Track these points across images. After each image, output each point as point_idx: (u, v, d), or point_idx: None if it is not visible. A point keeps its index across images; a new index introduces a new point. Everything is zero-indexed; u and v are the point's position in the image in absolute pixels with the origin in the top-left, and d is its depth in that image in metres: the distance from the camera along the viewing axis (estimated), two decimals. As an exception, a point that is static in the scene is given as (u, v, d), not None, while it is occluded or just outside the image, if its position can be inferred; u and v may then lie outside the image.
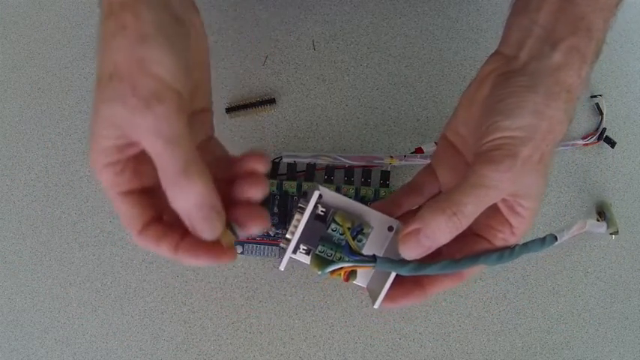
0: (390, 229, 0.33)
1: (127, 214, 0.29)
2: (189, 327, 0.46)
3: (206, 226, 0.27)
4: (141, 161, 0.27)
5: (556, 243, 0.34)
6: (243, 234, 0.29)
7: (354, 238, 0.32)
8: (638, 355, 0.47)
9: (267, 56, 0.50)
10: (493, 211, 0.30)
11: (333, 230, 0.32)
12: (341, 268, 0.31)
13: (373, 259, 0.31)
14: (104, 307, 0.46)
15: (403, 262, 0.30)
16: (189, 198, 0.26)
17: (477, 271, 0.33)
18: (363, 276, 0.34)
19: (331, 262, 0.32)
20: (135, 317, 0.46)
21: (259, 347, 0.45)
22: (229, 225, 0.28)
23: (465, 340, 0.46)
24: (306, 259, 0.33)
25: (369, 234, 0.33)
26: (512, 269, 0.47)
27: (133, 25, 0.26)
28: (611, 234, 0.47)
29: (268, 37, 0.51)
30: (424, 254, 0.30)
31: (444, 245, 0.30)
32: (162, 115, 0.25)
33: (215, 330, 0.46)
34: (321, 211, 0.32)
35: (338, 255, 0.32)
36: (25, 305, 0.46)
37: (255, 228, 0.29)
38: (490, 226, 0.31)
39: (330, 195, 0.32)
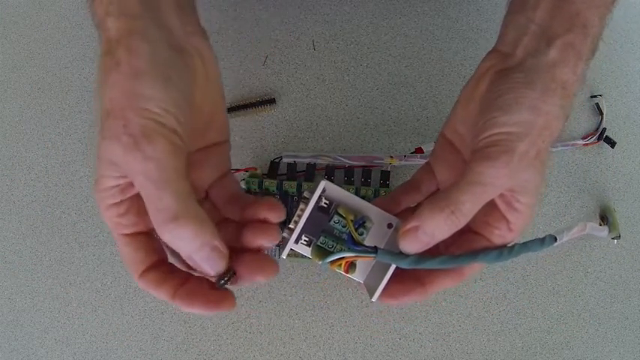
0: (390, 226, 0.34)
1: (128, 257, 0.28)
2: (189, 327, 0.46)
3: (206, 266, 0.27)
4: None
5: (555, 244, 0.34)
6: (241, 285, 0.29)
7: (356, 230, 0.32)
8: (638, 355, 0.47)
9: (267, 56, 0.50)
10: (490, 207, 0.30)
11: (335, 222, 0.33)
12: (342, 258, 0.32)
13: (374, 250, 0.31)
14: (104, 307, 0.46)
15: (403, 254, 0.31)
16: (183, 242, 0.26)
17: (476, 270, 0.33)
18: (362, 271, 0.34)
19: (332, 252, 0.32)
20: (135, 317, 0.46)
21: (259, 347, 0.45)
22: (227, 271, 0.28)
23: (465, 340, 0.46)
24: (306, 251, 0.33)
25: (370, 228, 0.33)
26: (512, 269, 0.47)
27: (127, 61, 0.25)
28: (613, 239, 0.47)
29: (268, 37, 0.51)
30: (423, 249, 0.30)
31: (443, 245, 0.31)
32: (152, 156, 0.24)
33: (215, 330, 0.46)
34: (325, 203, 0.33)
35: (339, 247, 0.33)
36: (25, 305, 0.46)
37: (261, 277, 0.29)
38: (487, 223, 0.31)
39: (334, 189, 0.33)
